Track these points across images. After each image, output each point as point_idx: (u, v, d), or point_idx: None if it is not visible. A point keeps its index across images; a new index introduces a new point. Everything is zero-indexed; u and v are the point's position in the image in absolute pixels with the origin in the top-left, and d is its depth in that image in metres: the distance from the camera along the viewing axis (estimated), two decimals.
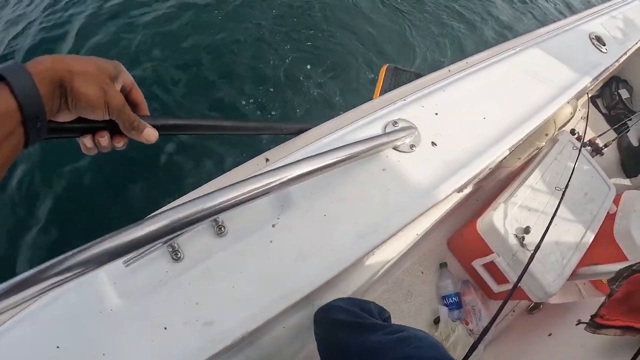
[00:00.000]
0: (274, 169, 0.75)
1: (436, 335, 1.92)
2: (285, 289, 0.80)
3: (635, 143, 3.46)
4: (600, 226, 2.04)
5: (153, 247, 0.79)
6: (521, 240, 1.74)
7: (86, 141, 0.59)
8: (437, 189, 1.02)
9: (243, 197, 0.69)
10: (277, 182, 0.74)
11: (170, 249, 0.81)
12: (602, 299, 1.84)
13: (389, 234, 0.92)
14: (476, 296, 2.10)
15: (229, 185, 0.70)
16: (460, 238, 2.16)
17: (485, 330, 1.12)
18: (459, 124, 1.18)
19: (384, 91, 2.32)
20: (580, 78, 1.70)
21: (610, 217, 2.23)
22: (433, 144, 1.09)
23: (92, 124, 0.58)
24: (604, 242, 2.19)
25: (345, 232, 0.88)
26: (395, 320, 1.90)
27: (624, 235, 2.17)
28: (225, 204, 0.68)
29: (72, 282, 0.70)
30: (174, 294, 0.80)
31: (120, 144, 0.62)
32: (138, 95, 0.64)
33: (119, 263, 0.77)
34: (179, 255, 0.82)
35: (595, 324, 1.43)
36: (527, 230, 1.75)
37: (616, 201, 2.34)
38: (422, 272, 2.15)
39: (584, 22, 2.16)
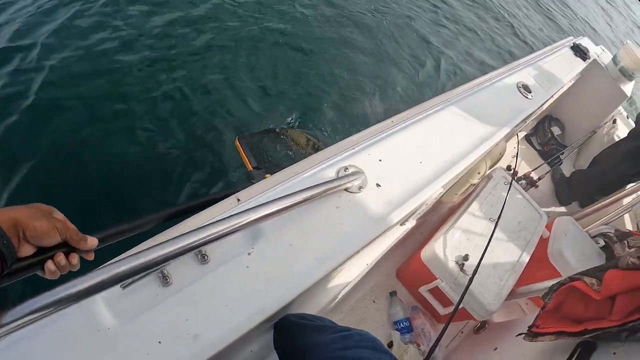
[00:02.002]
0: (248, 209, 0.95)
1: None
2: (260, 306, 0.99)
3: (567, 174, 3.80)
4: (536, 250, 2.29)
5: (146, 273, 0.95)
6: (461, 266, 1.95)
7: (49, 265, 0.73)
8: (381, 222, 1.25)
9: (223, 232, 0.88)
10: (251, 219, 0.94)
11: (161, 275, 0.98)
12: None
13: (342, 259, 1.13)
14: (425, 319, 2.29)
15: (212, 223, 0.89)
16: (407, 268, 2.37)
17: (433, 348, 1.26)
18: (400, 168, 1.42)
19: (250, 157, 2.83)
20: (507, 123, 1.96)
21: (543, 242, 2.47)
22: (378, 185, 1.32)
23: (50, 250, 0.73)
24: (540, 264, 2.43)
25: (307, 258, 1.09)
26: None
27: (558, 256, 2.42)
28: (209, 237, 0.86)
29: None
30: (166, 313, 0.94)
31: (74, 260, 0.76)
32: (71, 225, 0.78)
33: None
34: (168, 281, 0.98)
35: (532, 334, 1.61)
36: (466, 257, 1.97)
37: (549, 227, 2.60)
38: (374, 301, 2.33)
39: (513, 73, 2.45)
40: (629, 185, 3.33)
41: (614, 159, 3.33)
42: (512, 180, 2.37)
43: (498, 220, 1.96)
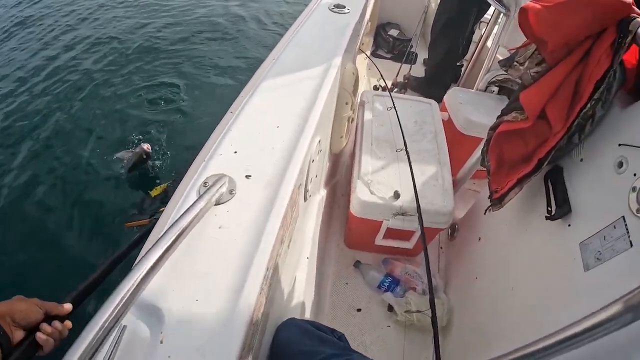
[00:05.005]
0: (116, 290, 0.69)
1: (399, 319, 1.94)
2: None
3: (421, 74, 3.68)
4: (447, 134, 2.21)
5: None
6: (395, 193, 1.81)
7: (40, 336, 0.78)
8: (275, 207, 1.02)
9: (108, 321, 0.64)
10: (128, 295, 0.68)
11: None
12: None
13: (262, 273, 0.89)
14: (402, 263, 2.14)
15: (85, 331, 0.63)
16: (351, 232, 2.18)
17: (430, 282, 1.14)
18: (259, 146, 1.20)
19: (142, 218, 3.51)
20: (339, 44, 1.80)
21: (448, 123, 2.44)
22: (247, 177, 1.09)
23: (37, 326, 0.78)
24: (460, 142, 2.39)
25: (223, 299, 0.84)
26: (357, 334, 1.87)
27: (468, 124, 2.39)
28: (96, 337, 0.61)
29: None
30: None
31: (58, 325, 0.81)
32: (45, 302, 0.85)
33: None
34: None
35: (496, 201, 1.52)
36: (396, 194, 1.82)
37: (444, 109, 2.57)
38: (347, 283, 2.14)
39: (320, 1, 2.31)
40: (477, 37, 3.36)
41: (442, 22, 3.24)
42: (389, 90, 2.29)
43: (403, 134, 1.85)
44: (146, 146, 3.91)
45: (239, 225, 0.99)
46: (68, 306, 0.85)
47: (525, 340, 1.10)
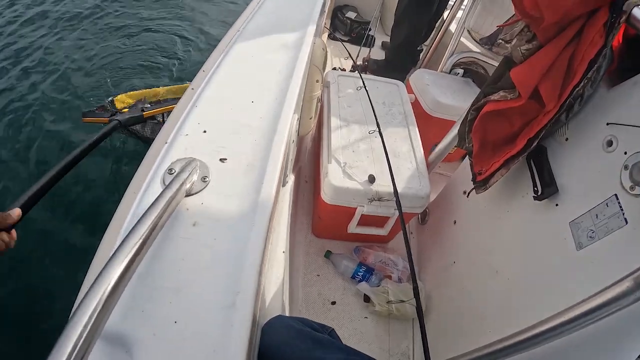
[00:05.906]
0: (72, 320, 0.53)
1: (377, 310, 1.86)
2: None
3: (382, 56, 3.59)
4: (415, 115, 2.14)
5: None
6: (370, 177, 1.72)
7: None
8: (261, 195, 0.89)
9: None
10: (90, 325, 0.51)
11: None
12: (460, 165, 1.91)
13: (254, 281, 0.76)
14: (375, 251, 2.07)
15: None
16: (321, 220, 2.05)
17: (412, 268, 1.13)
18: (233, 123, 1.06)
19: (101, 116, 3.29)
20: (310, 16, 1.66)
21: (416, 104, 2.39)
22: (222, 160, 0.95)
23: None
24: (429, 124, 2.35)
25: (209, 319, 0.70)
26: (336, 326, 1.79)
27: (436, 106, 2.36)
28: None
29: None
30: None
31: (5, 237, 0.87)
32: None
33: None
34: None
35: (481, 183, 1.49)
36: (371, 178, 1.73)
37: (410, 90, 2.52)
38: (318, 275, 2.03)
39: None
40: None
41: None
42: (358, 71, 2.19)
43: (374, 111, 1.76)
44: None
45: (218, 221, 0.83)
46: (17, 212, 0.90)
47: (515, 323, 1.10)
